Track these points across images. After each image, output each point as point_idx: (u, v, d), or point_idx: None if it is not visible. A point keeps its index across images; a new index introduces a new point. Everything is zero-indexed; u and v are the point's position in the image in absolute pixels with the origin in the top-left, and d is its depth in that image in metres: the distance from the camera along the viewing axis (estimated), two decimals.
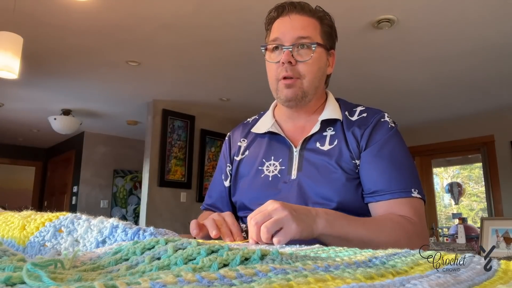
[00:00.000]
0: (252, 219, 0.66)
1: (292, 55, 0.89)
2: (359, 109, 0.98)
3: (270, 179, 0.95)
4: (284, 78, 0.91)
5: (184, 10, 2.47)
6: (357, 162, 0.90)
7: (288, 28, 0.91)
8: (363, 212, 0.88)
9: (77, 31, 2.75)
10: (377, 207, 0.86)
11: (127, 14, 2.52)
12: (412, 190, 0.85)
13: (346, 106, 1.00)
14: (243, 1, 2.36)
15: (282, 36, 0.91)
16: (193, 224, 0.78)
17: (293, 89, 0.91)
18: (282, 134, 0.99)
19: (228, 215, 0.81)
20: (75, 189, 5.87)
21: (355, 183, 0.88)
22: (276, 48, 0.92)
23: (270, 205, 0.68)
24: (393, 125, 0.94)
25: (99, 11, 2.49)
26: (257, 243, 0.67)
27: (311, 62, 0.90)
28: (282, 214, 0.65)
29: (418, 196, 0.85)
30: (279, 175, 0.94)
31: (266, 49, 0.95)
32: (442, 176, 8.39)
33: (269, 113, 1.07)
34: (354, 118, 0.96)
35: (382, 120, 0.93)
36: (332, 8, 1.08)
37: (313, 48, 0.90)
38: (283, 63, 0.89)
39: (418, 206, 0.85)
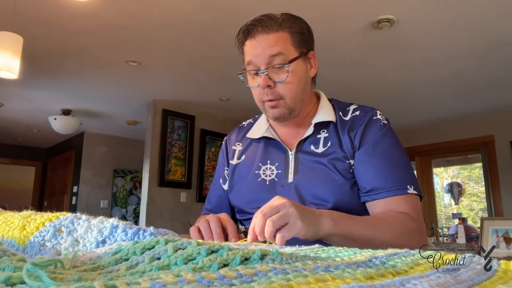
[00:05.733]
0: (259, 212, 0.67)
1: (270, 77, 0.89)
2: (352, 107, 0.98)
3: (267, 183, 0.95)
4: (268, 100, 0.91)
5: (184, 9, 2.47)
6: (352, 162, 0.90)
7: (259, 50, 0.89)
8: (359, 211, 0.89)
9: (77, 31, 2.75)
10: (375, 206, 0.87)
11: (127, 14, 2.52)
12: (408, 186, 0.86)
13: (339, 106, 1.00)
14: (243, 0, 2.36)
15: (255, 59, 0.90)
16: (193, 234, 0.80)
17: (279, 109, 0.92)
18: (277, 139, 0.99)
19: (223, 215, 0.83)
20: (75, 189, 5.87)
21: (350, 183, 0.89)
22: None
23: (277, 200, 0.69)
24: (385, 122, 0.94)
25: (99, 11, 2.49)
26: (255, 239, 0.67)
27: (290, 80, 0.89)
28: (289, 210, 0.66)
29: (414, 192, 0.86)
30: (276, 179, 0.95)
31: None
32: (442, 176, 8.39)
33: (263, 117, 1.07)
34: (348, 117, 0.96)
35: (375, 118, 0.94)
36: (333, 8, 1.07)
37: (287, 68, 0.88)
38: (262, 88, 0.90)
39: (415, 202, 0.86)
